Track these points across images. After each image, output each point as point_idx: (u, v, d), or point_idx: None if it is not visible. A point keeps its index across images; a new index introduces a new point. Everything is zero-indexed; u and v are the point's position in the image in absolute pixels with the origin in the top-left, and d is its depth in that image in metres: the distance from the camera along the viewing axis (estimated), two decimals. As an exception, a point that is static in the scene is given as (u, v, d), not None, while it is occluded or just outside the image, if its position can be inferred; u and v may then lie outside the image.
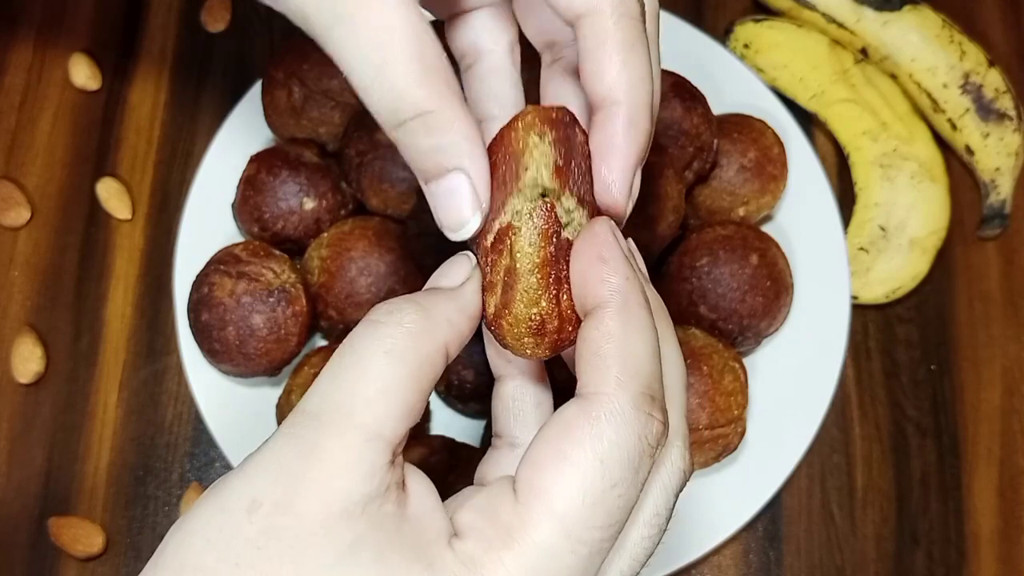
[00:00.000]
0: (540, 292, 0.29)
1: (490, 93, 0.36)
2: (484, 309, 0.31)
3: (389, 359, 0.28)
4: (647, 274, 0.32)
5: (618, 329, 0.27)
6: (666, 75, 0.60)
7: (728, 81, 0.66)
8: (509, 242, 0.30)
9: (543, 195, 0.30)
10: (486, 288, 0.31)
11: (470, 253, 0.32)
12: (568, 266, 0.30)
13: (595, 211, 0.31)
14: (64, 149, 0.68)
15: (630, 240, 0.31)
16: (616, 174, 0.30)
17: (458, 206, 0.30)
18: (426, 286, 0.31)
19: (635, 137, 0.31)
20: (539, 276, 0.29)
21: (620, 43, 0.30)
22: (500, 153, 0.30)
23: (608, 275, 0.28)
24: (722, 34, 0.70)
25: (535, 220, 0.29)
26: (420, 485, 0.28)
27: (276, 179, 0.59)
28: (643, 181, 0.55)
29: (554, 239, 0.30)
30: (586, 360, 0.28)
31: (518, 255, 0.30)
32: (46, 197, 0.67)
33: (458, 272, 0.31)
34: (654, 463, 0.28)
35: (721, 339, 0.57)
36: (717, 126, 0.60)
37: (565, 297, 0.30)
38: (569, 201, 0.30)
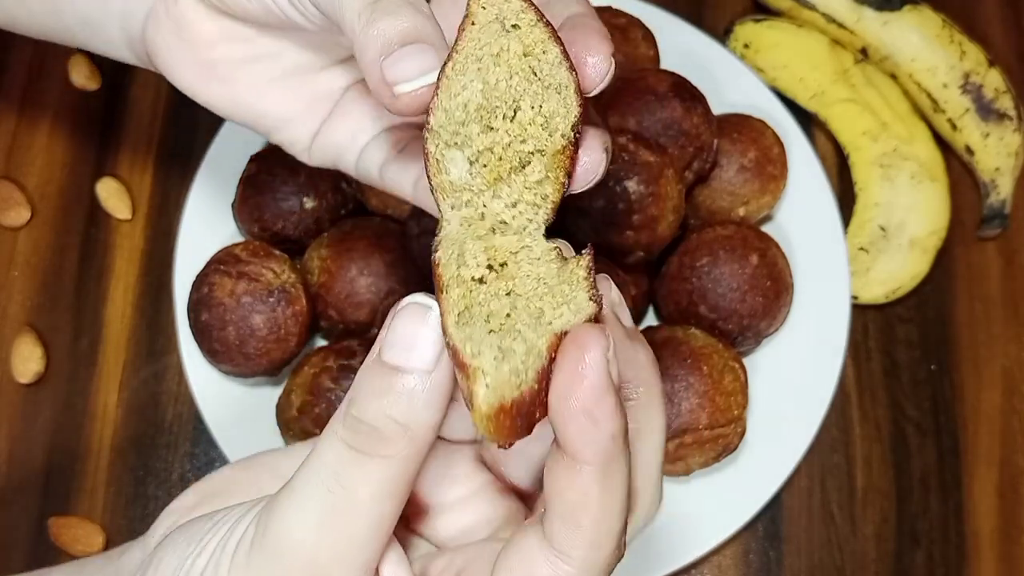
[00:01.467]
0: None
1: None
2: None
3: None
4: (633, 325, 0.30)
5: (596, 494, 0.25)
6: (666, 75, 0.60)
7: (728, 81, 0.66)
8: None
9: None
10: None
11: (431, 304, 0.27)
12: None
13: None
14: (64, 149, 0.68)
15: (613, 290, 0.29)
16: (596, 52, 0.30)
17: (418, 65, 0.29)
18: (380, 355, 0.27)
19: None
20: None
21: None
22: None
23: (595, 438, 0.25)
24: (722, 34, 0.70)
25: None
26: None
27: (276, 179, 0.59)
28: (643, 181, 0.55)
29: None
30: (559, 512, 0.26)
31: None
32: (46, 197, 0.67)
33: (425, 346, 0.26)
34: None
35: (721, 339, 0.57)
36: (717, 126, 0.60)
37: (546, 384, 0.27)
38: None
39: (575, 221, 0.55)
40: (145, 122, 0.69)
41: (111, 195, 0.66)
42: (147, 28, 0.39)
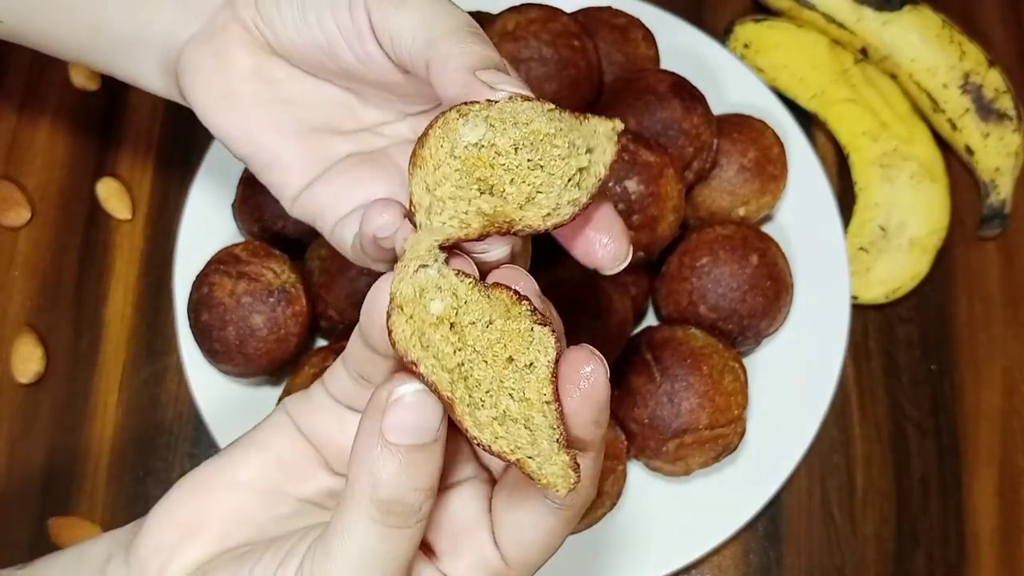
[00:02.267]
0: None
1: None
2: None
3: None
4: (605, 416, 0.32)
5: (596, 464, 0.32)
6: (666, 75, 0.60)
7: (728, 81, 0.66)
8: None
9: None
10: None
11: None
12: None
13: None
14: (64, 149, 0.68)
15: (593, 376, 0.31)
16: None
17: None
18: (389, 438, 0.30)
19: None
20: None
21: None
22: None
23: (598, 435, 0.31)
24: (722, 34, 0.70)
25: None
26: None
27: (276, 179, 0.59)
28: (643, 181, 0.55)
29: None
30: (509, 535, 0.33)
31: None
32: (46, 197, 0.67)
33: (435, 421, 0.30)
34: None
35: (721, 339, 0.57)
36: (717, 126, 0.60)
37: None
38: None
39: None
40: (145, 122, 0.69)
41: (111, 195, 0.66)
42: (186, 49, 0.41)
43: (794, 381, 0.60)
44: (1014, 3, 0.73)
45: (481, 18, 0.63)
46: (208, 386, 0.59)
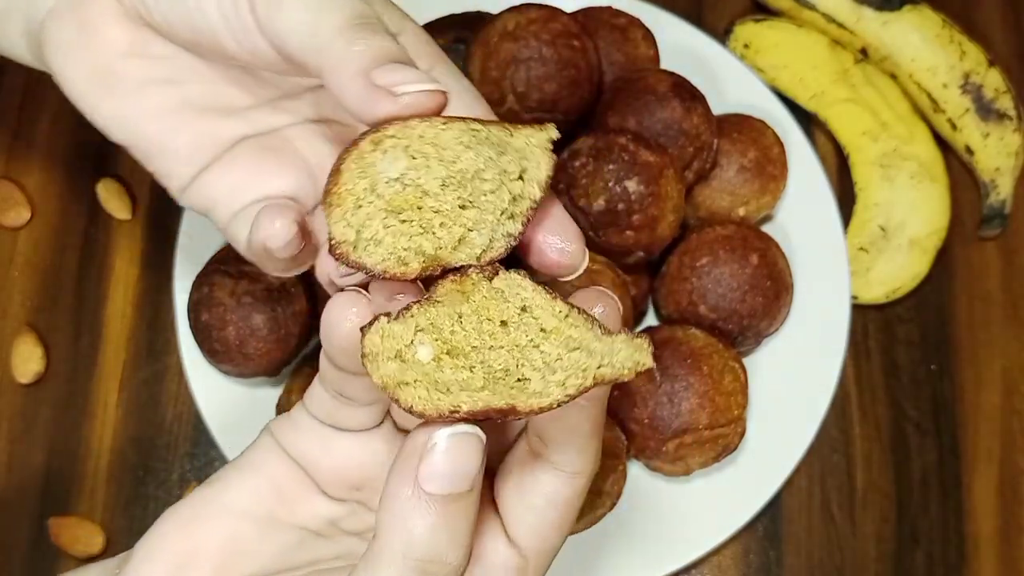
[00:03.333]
0: None
1: None
2: None
3: None
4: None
5: (600, 423, 0.31)
6: (666, 75, 0.60)
7: (728, 81, 0.66)
8: None
9: None
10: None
11: (478, 434, 0.29)
12: None
13: None
14: (64, 149, 0.68)
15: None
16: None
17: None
18: (425, 487, 0.28)
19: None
20: None
21: None
22: None
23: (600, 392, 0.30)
24: (722, 34, 0.70)
25: None
26: None
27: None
28: (643, 181, 0.55)
29: None
30: (574, 446, 0.31)
31: None
32: (46, 197, 0.67)
33: (474, 467, 0.28)
34: None
35: (721, 339, 0.57)
36: (717, 126, 0.60)
37: None
38: None
39: (575, 221, 0.55)
40: (145, 122, 0.69)
41: (111, 195, 0.66)
42: (47, 20, 0.36)
43: (794, 381, 0.60)
44: (1014, 3, 0.73)
45: (481, 18, 0.63)
46: (208, 386, 0.59)
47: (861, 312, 0.65)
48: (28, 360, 0.62)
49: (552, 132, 0.31)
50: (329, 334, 0.30)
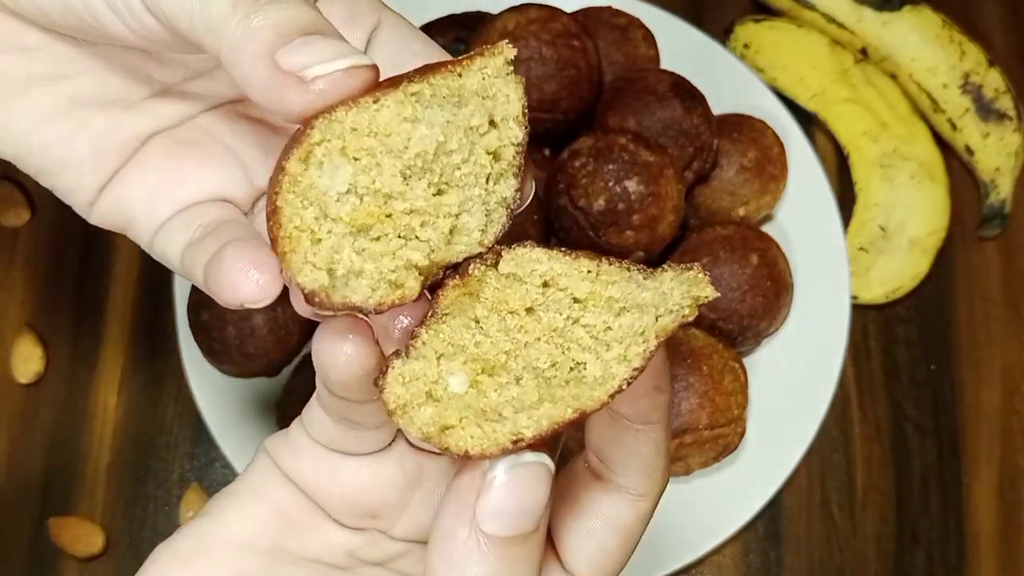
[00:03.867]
0: None
1: None
2: None
3: None
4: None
5: (664, 441, 0.28)
6: (666, 75, 0.60)
7: (728, 81, 0.66)
8: None
9: None
10: None
11: (546, 463, 0.25)
12: None
13: None
14: (64, 149, 0.68)
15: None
16: None
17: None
18: (486, 527, 0.24)
19: None
20: None
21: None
22: None
23: (660, 402, 0.27)
24: (722, 34, 0.70)
25: None
26: None
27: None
28: (643, 181, 0.55)
29: None
30: (636, 467, 0.28)
31: None
32: (46, 197, 0.67)
33: (542, 503, 0.25)
34: None
35: (721, 339, 0.57)
36: (717, 126, 0.60)
37: None
38: None
39: (575, 220, 0.55)
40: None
41: (111, 195, 0.66)
42: None
43: (794, 381, 0.60)
44: (1014, 3, 0.73)
45: (481, 18, 0.63)
46: (208, 386, 0.58)
47: (861, 312, 0.65)
48: (28, 360, 0.62)
49: (508, 51, 0.25)
50: (324, 368, 0.26)
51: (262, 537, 0.29)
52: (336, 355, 0.26)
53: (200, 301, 0.56)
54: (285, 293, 0.25)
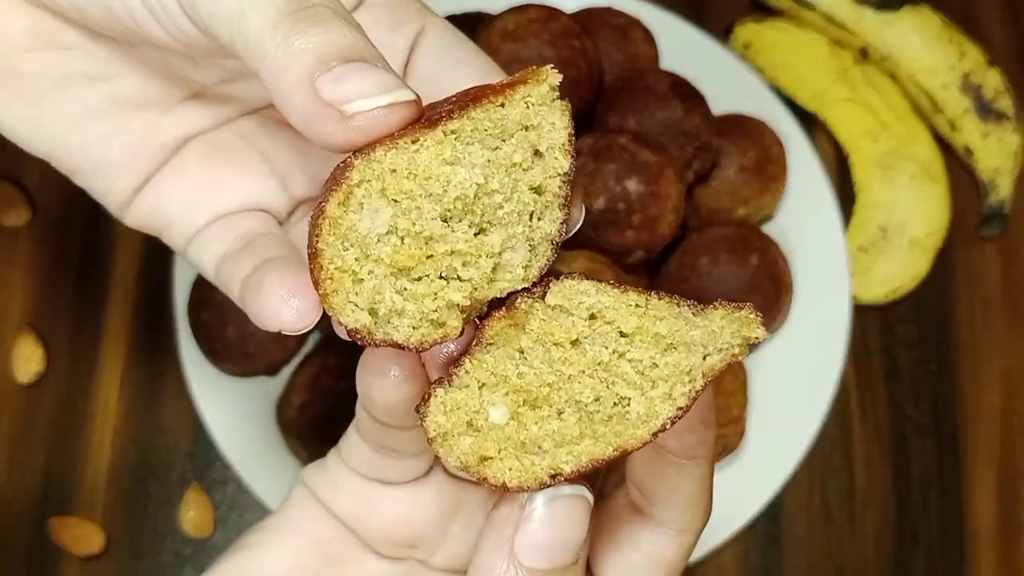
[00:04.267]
0: None
1: None
2: None
3: None
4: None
5: (709, 478, 0.28)
6: (666, 75, 0.60)
7: (728, 81, 0.66)
8: None
9: None
10: None
11: (586, 496, 0.25)
12: None
13: None
14: (64, 149, 0.68)
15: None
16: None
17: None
18: (526, 562, 0.25)
19: None
20: None
21: None
22: None
23: (706, 437, 0.27)
24: (722, 34, 0.70)
25: None
26: None
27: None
28: (643, 181, 0.55)
29: None
30: (678, 503, 0.27)
31: None
32: (46, 197, 0.67)
33: (581, 535, 0.25)
34: None
35: (721, 339, 0.57)
36: (717, 126, 0.60)
37: None
38: None
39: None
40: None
41: (111, 195, 0.66)
42: None
43: (794, 381, 0.60)
44: (1014, 3, 0.73)
45: (481, 18, 0.63)
46: (208, 386, 0.58)
47: (861, 312, 0.65)
48: (28, 360, 0.62)
49: (553, 77, 0.25)
50: (370, 391, 0.27)
51: (302, 570, 0.29)
52: (383, 379, 0.26)
53: (200, 301, 0.56)
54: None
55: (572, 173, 0.25)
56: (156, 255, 0.65)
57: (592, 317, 0.25)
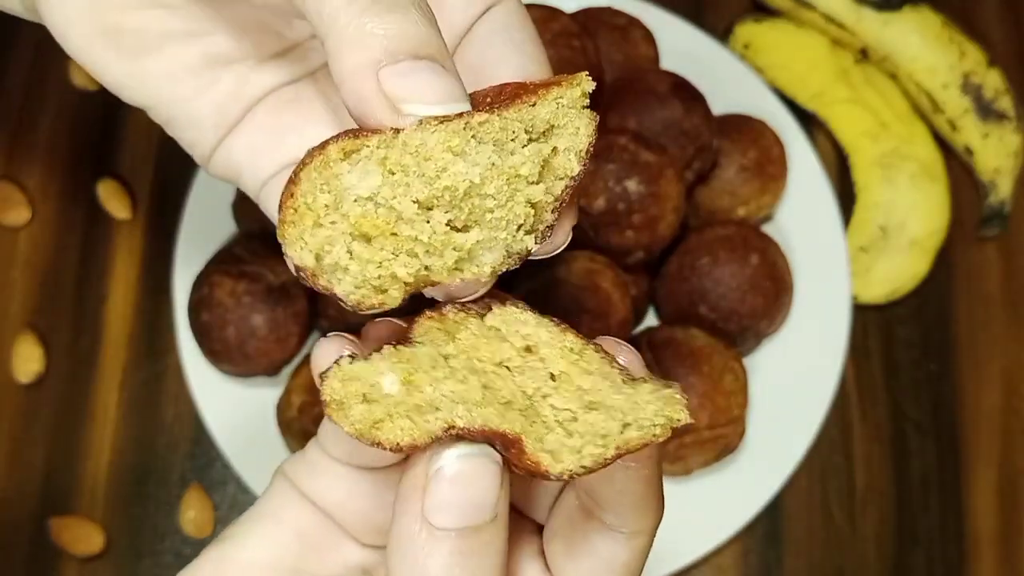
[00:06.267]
0: None
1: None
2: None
3: None
4: None
5: (656, 477, 0.27)
6: (666, 75, 0.60)
7: (728, 81, 0.66)
8: None
9: None
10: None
11: (495, 457, 0.25)
12: None
13: None
14: (64, 149, 0.68)
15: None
16: None
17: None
18: (433, 521, 0.24)
19: None
20: None
21: None
22: None
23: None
24: (722, 34, 0.70)
25: None
26: None
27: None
28: (643, 181, 0.55)
29: None
30: (628, 505, 0.27)
31: None
32: (46, 197, 0.67)
33: (494, 494, 0.24)
34: None
35: (721, 339, 0.57)
36: (717, 126, 0.60)
37: None
38: None
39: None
40: (145, 122, 0.68)
41: (111, 195, 0.66)
42: None
43: (794, 381, 0.60)
44: (1014, 3, 0.73)
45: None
46: (208, 386, 0.58)
47: (861, 312, 0.65)
48: (28, 360, 0.62)
49: (587, 84, 0.26)
50: (315, 367, 0.27)
51: (282, 559, 0.29)
52: (327, 352, 0.26)
53: (200, 301, 0.56)
54: (284, 294, 0.26)
55: (579, 179, 0.25)
56: (156, 255, 0.65)
57: (527, 349, 0.25)
